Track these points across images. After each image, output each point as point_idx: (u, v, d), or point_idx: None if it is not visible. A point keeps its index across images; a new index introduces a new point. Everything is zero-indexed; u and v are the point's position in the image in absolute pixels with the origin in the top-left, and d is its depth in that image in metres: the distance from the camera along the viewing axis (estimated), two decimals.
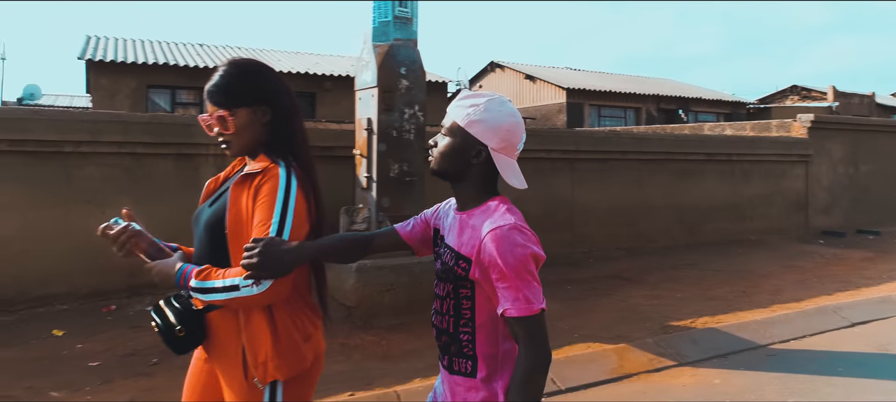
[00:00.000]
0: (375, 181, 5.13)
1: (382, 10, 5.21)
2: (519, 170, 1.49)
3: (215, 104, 1.64)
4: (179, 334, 1.62)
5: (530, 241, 1.39)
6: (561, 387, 3.86)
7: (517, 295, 1.34)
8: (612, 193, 7.58)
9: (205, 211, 1.74)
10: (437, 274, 1.53)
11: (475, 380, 1.45)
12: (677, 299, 5.79)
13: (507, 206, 1.46)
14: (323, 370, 4.02)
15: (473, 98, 1.49)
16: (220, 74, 1.68)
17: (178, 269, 1.61)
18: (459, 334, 1.47)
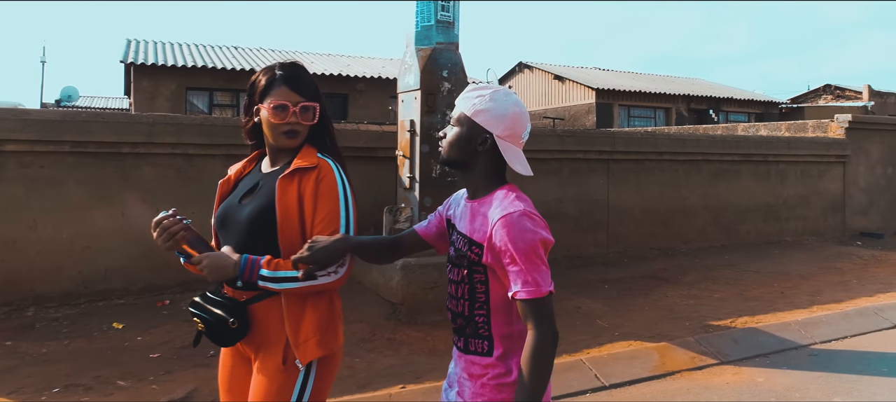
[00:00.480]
0: (418, 181, 5.26)
1: (425, 14, 5.34)
2: (523, 157, 1.56)
3: (306, 97, 1.76)
4: (233, 325, 1.69)
5: (539, 226, 1.45)
6: (605, 383, 3.94)
7: (527, 278, 1.40)
8: (647, 193, 7.61)
9: (238, 210, 1.79)
10: (451, 260, 1.60)
11: (491, 359, 1.51)
12: (715, 300, 5.81)
13: (516, 193, 1.52)
14: (373, 363, 4.18)
15: (480, 90, 1.58)
16: (302, 69, 1.83)
17: (240, 259, 1.66)
18: (475, 316, 1.53)
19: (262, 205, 1.73)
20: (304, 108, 1.76)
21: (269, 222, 1.71)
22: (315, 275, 1.63)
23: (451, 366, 1.65)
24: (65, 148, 4.98)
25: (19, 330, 4.58)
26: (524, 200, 1.50)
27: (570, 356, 4.25)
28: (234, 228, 1.77)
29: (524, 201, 1.49)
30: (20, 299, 4.90)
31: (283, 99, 1.74)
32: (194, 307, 1.74)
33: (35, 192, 4.91)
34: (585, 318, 5.15)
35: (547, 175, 6.96)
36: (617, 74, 20.78)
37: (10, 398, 3.61)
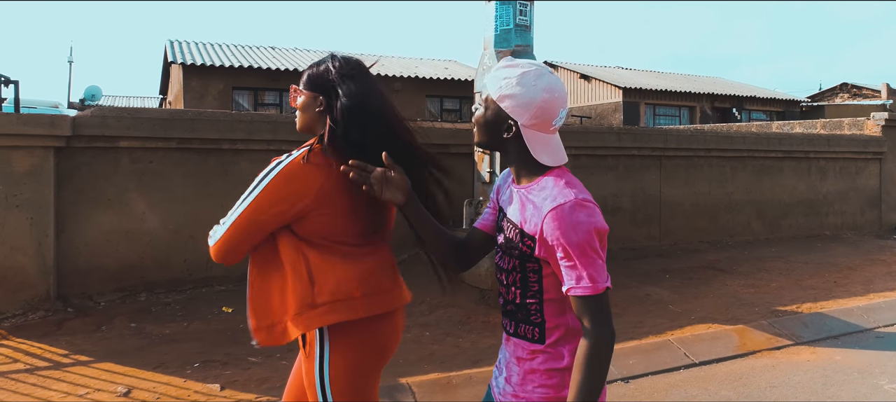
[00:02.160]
0: (498, 176, 5.58)
1: (504, 18, 5.66)
2: (555, 144, 1.46)
3: (298, 83, 1.90)
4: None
5: (593, 215, 1.36)
6: (694, 361, 4.26)
7: (581, 274, 1.33)
8: (696, 188, 7.91)
9: None
10: (501, 247, 1.51)
11: (542, 345, 1.44)
12: (773, 288, 6.11)
13: (566, 179, 1.42)
14: (476, 343, 4.47)
15: (508, 69, 1.46)
16: (318, 60, 1.93)
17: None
18: (527, 304, 1.46)
19: None
20: (295, 91, 1.90)
21: None
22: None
23: (501, 351, 1.59)
24: (172, 145, 5.33)
25: (138, 313, 4.94)
26: (575, 185, 1.41)
27: (657, 337, 4.57)
28: None
29: (576, 187, 1.40)
30: (133, 285, 5.25)
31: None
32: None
33: (145, 185, 5.27)
34: (657, 304, 5.46)
35: (604, 171, 7.28)
36: (642, 73, 21.07)
37: (156, 371, 3.96)
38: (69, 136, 4.87)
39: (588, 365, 1.33)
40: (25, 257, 4.73)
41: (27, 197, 4.74)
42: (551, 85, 1.43)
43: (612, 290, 4.47)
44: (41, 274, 4.79)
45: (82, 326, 4.65)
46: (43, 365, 4.01)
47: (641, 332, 4.69)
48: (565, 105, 1.46)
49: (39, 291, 4.78)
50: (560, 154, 1.46)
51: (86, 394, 3.61)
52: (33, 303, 4.76)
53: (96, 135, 5.02)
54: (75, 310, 4.92)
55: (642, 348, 4.37)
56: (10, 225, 4.69)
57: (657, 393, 3.75)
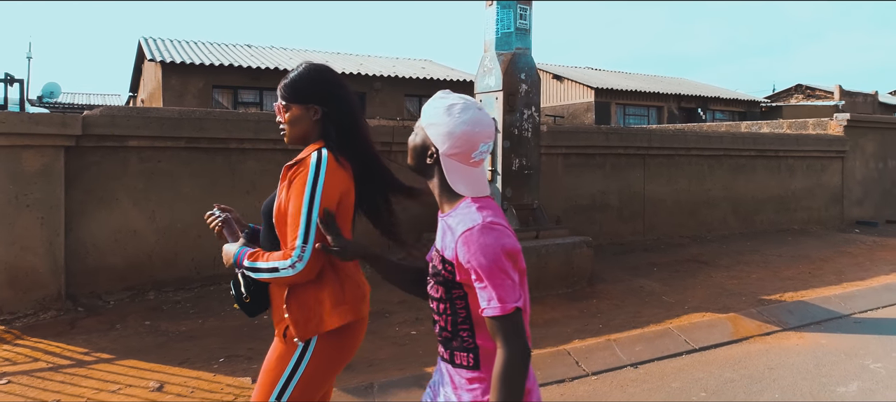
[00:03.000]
0: (500, 174, 5.79)
1: (505, 21, 5.87)
2: (476, 176, 1.50)
3: (280, 97, 1.94)
4: (246, 300, 1.92)
5: (501, 237, 1.40)
6: (695, 347, 4.54)
7: (491, 295, 1.37)
8: (678, 185, 8.27)
9: (266, 201, 1.98)
10: (430, 275, 1.56)
11: (478, 372, 1.47)
12: (754, 279, 6.48)
13: (479, 203, 1.46)
14: None
15: (440, 100, 1.53)
16: (292, 72, 1.96)
17: (236, 251, 1.87)
18: (459, 330, 1.49)
19: (269, 201, 1.93)
20: (279, 108, 1.94)
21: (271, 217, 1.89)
22: (277, 269, 1.78)
23: (435, 373, 1.63)
24: (180, 144, 5.36)
25: (150, 311, 4.97)
26: (487, 208, 1.46)
27: (658, 326, 4.84)
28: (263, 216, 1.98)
29: (487, 210, 1.45)
30: (141, 283, 5.27)
31: (277, 103, 1.98)
32: (233, 282, 1.97)
33: (154, 184, 5.29)
34: (651, 295, 5.75)
35: (593, 169, 7.56)
36: (612, 74, 21.62)
37: (182, 367, 4.03)
38: (79, 135, 4.86)
39: (502, 383, 1.35)
40: (36, 257, 4.72)
41: (38, 197, 4.73)
42: (475, 119, 1.48)
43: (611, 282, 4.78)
44: (52, 274, 4.78)
45: (96, 325, 4.67)
46: (65, 363, 4.03)
47: (642, 321, 4.96)
48: (488, 139, 1.49)
49: (51, 290, 4.77)
50: (478, 187, 1.49)
51: (118, 390, 3.67)
52: (45, 303, 4.75)
53: (105, 134, 5.02)
54: (86, 309, 4.93)
55: (646, 336, 4.63)
56: (21, 225, 4.67)
57: (666, 377, 4.01)
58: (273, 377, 1.87)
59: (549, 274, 5.58)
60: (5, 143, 4.61)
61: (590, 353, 4.29)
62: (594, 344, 4.43)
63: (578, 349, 4.33)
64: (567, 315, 5.14)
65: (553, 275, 5.61)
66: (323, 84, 1.93)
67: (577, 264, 5.79)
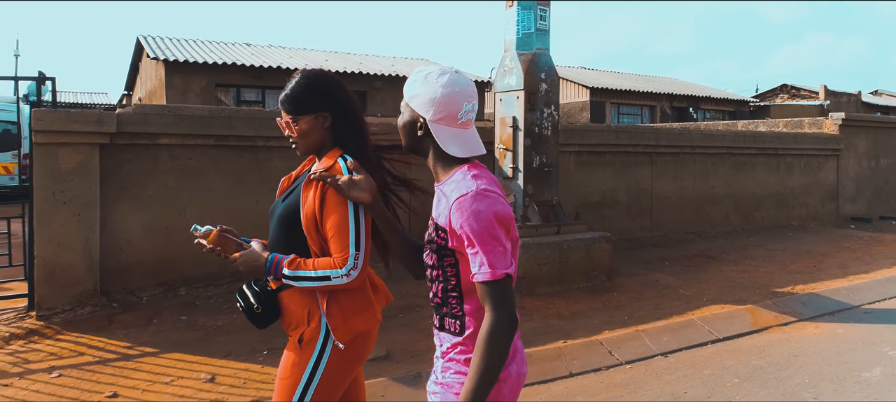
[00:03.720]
0: (521, 171, 5.94)
1: (526, 22, 6.01)
2: (465, 136, 1.53)
3: (286, 111, 1.92)
4: (257, 310, 1.89)
5: (495, 203, 1.42)
6: (719, 336, 4.71)
7: (483, 261, 1.39)
8: (683, 183, 8.48)
9: (278, 206, 1.97)
10: (426, 243, 1.59)
11: (461, 338, 1.51)
12: (763, 273, 6.69)
13: (474, 171, 1.49)
14: (524, 325, 4.81)
15: (416, 73, 1.58)
16: (290, 85, 1.94)
17: (268, 258, 1.83)
18: (448, 297, 1.52)
19: (289, 207, 1.91)
20: (288, 123, 1.93)
21: (293, 223, 1.87)
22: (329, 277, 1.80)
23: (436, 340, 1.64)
24: (210, 142, 5.43)
25: (184, 307, 5.04)
26: (482, 177, 1.48)
27: (681, 317, 5.02)
28: (272, 223, 1.97)
29: (482, 178, 1.47)
30: (171, 280, 5.33)
31: (281, 119, 1.96)
32: (239, 293, 1.96)
33: (184, 182, 5.35)
34: (668, 289, 5.93)
35: (603, 167, 7.74)
36: (605, 74, 21.89)
37: (227, 359, 4.12)
38: (114, 133, 4.92)
39: (486, 348, 1.37)
40: (73, 254, 4.77)
41: (74, 194, 4.78)
42: (452, 81, 1.52)
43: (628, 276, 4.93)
44: (88, 270, 4.83)
45: (133, 320, 4.73)
46: (111, 357, 4.10)
47: (664, 313, 5.13)
48: (470, 100, 1.53)
49: (87, 286, 4.83)
50: (471, 146, 1.53)
51: (171, 382, 3.75)
52: (81, 298, 4.81)
53: (138, 132, 5.08)
54: (120, 305, 4.98)
55: (671, 327, 4.80)
56: (58, 221, 4.72)
57: (696, 364, 4.18)
58: (290, 385, 1.86)
59: (571, 268, 5.74)
60: (43, 140, 4.66)
61: (621, 343, 4.44)
62: (624, 335, 4.58)
63: (610, 340, 4.48)
64: (591, 308, 5.29)
65: (574, 269, 5.77)
66: (326, 91, 1.93)
67: (597, 259, 5.95)
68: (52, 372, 3.84)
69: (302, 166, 2.06)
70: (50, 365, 3.94)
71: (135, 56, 15.42)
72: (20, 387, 3.63)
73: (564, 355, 4.21)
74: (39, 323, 4.58)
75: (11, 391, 3.58)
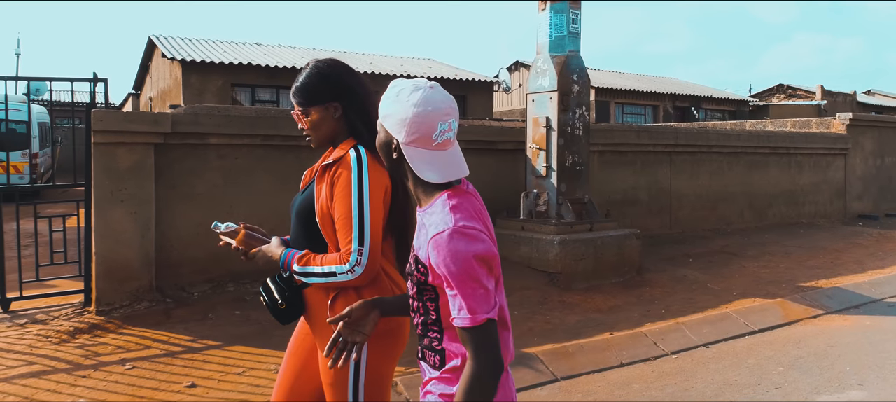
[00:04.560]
0: (555, 170, 6.12)
1: (558, 25, 6.19)
2: (442, 159, 1.39)
3: (297, 103, 1.90)
4: (281, 306, 1.87)
5: (472, 242, 1.31)
6: (754, 328, 4.91)
7: (462, 304, 1.30)
8: (700, 181, 8.70)
9: (297, 200, 1.97)
10: (406, 272, 1.50)
11: (440, 372, 1.44)
12: (784, 269, 6.91)
13: (453, 202, 1.36)
14: (564, 320, 4.99)
15: (390, 89, 1.44)
16: (301, 76, 1.91)
17: (282, 254, 1.82)
18: (429, 331, 1.45)
19: (305, 201, 1.90)
20: (299, 115, 1.91)
21: (310, 216, 1.86)
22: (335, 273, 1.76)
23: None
24: (256, 141, 5.57)
25: (236, 302, 5.18)
26: (461, 208, 1.36)
27: (716, 310, 5.22)
28: (292, 216, 1.98)
29: (460, 211, 1.35)
30: (220, 275, 5.47)
31: (294, 111, 1.94)
32: (263, 287, 1.93)
33: (231, 180, 5.49)
34: (696, 284, 6.13)
35: (625, 166, 7.93)
36: (608, 74, 22.14)
37: None
38: (168, 133, 5.05)
39: (467, 395, 1.30)
40: (130, 250, 4.90)
41: (130, 192, 4.91)
42: (425, 99, 1.37)
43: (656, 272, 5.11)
44: (144, 266, 4.97)
45: (189, 315, 4.87)
46: (178, 350, 4.25)
47: (698, 307, 5.32)
48: (447, 117, 1.38)
49: (143, 282, 4.96)
50: (450, 170, 1.39)
51: (243, 372, 3.90)
52: (138, 294, 4.94)
53: (189, 132, 5.21)
54: (173, 300, 5.11)
55: (708, 319, 4.99)
56: (116, 219, 4.85)
57: (739, 354, 4.37)
58: (342, 386, 1.83)
59: (604, 264, 5.92)
60: (102, 140, 4.79)
61: (664, 335, 4.63)
62: (665, 327, 4.77)
63: (653, 332, 4.67)
64: (627, 302, 5.48)
65: (607, 265, 5.95)
66: (337, 80, 1.89)
67: (628, 255, 6.14)
68: (125, 364, 3.98)
69: (322, 159, 2.00)
70: (120, 358, 4.08)
71: (145, 56, 15.48)
72: (98, 379, 3.77)
73: (612, 346, 4.39)
74: (100, 318, 4.70)
75: (91, 382, 3.72)
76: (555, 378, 3.90)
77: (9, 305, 4.91)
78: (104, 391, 3.62)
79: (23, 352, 4.13)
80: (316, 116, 1.88)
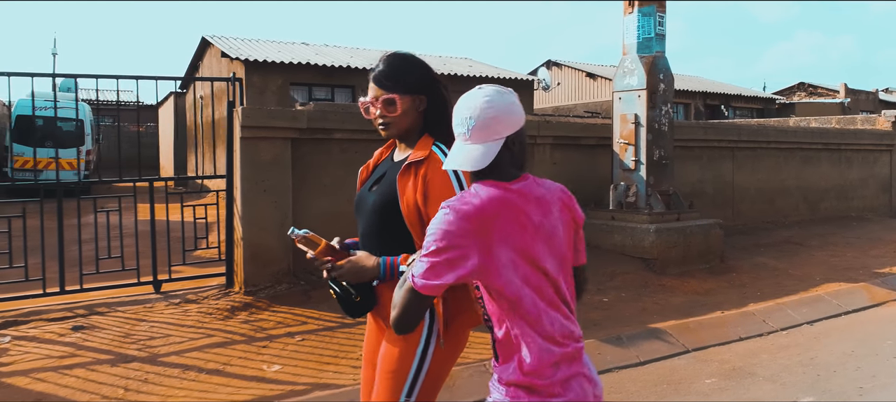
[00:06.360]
0: (643, 163, 6.52)
1: (646, 27, 6.58)
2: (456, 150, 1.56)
3: (384, 88, 1.86)
4: (356, 299, 1.88)
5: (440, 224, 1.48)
6: (848, 309, 5.30)
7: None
8: (759, 176, 9.08)
9: (368, 197, 1.96)
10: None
11: (495, 364, 1.58)
12: (851, 257, 7.29)
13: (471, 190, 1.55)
14: (668, 301, 5.39)
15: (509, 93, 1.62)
16: (388, 62, 1.90)
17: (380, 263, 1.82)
18: (486, 322, 1.60)
19: (384, 196, 1.89)
20: (385, 101, 1.86)
21: (390, 212, 1.85)
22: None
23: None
24: (375, 137, 5.94)
25: None
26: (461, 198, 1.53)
27: (807, 293, 5.61)
28: (364, 214, 1.96)
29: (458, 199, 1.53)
30: None
31: (369, 93, 1.91)
32: (332, 280, 1.90)
33: (353, 173, 5.85)
34: (777, 270, 6.52)
35: (692, 161, 8.32)
36: None
37: None
38: (303, 128, 5.48)
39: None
40: (271, 236, 5.33)
41: (271, 183, 5.34)
42: (461, 100, 1.58)
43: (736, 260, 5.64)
44: (283, 251, 5.40)
45: (326, 296, 5.27)
46: (333, 325, 4.67)
47: (787, 290, 5.71)
48: (460, 115, 1.56)
49: (282, 266, 5.39)
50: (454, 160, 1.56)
51: None
52: (278, 276, 5.37)
53: (317, 128, 5.63)
54: (306, 283, 5.54)
55: (804, 301, 5.39)
56: (259, 208, 5.28)
57: (844, 330, 4.77)
58: (399, 378, 1.85)
59: (692, 252, 6.32)
60: (248, 135, 5.22)
61: (769, 313, 5.03)
62: (768, 307, 5.17)
63: (759, 311, 5.07)
64: (719, 286, 5.88)
65: (695, 252, 6.35)
66: (427, 73, 1.90)
67: (712, 244, 6.53)
68: (294, 336, 4.41)
69: (379, 155, 2.08)
70: (286, 332, 4.51)
71: (195, 56, 15.93)
72: (277, 348, 4.19)
73: (726, 323, 4.79)
74: (248, 298, 5.13)
75: (274, 351, 4.14)
76: (686, 349, 4.31)
77: (160, 286, 5.35)
78: (289, 358, 4.05)
79: (196, 327, 4.57)
80: (402, 104, 1.86)
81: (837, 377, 3.80)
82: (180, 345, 4.21)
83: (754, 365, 4.06)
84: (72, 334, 4.39)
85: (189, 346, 4.20)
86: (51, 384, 3.61)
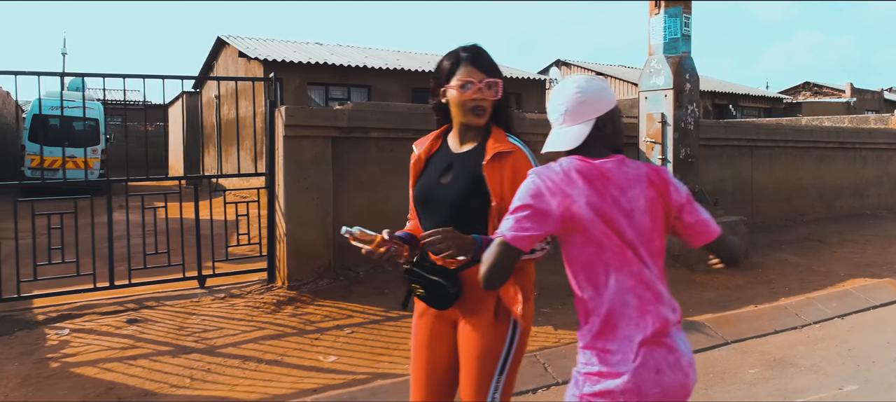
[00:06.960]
0: (670, 162, 6.64)
1: (672, 28, 6.70)
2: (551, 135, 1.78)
3: (492, 75, 1.97)
4: (452, 291, 1.92)
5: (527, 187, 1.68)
6: (875, 303, 5.43)
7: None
8: (777, 174, 9.20)
9: (439, 189, 2.02)
10: None
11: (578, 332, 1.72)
12: (872, 254, 7.41)
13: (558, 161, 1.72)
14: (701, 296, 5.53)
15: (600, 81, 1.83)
16: (483, 50, 2.02)
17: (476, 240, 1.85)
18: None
19: (466, 187, 1.95)
20: (489, 84, 1.96)
21: (472, 203, 1.93)
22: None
23: None
24: (409, 135, 6.08)
25: (401, 280, 5.72)
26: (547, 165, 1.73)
27: (834, 288, 5.74)
28: (437, 206, 2.00)
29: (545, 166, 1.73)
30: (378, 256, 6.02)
31: (468, 77, 1.95)
32: (412, 275, 1.99)
33: (388, 170, 6.04)
34: (801, 267, 6.64)
35: (713, 159, 8.44)
36: None
37: None
38: (343, 127, 5.61)
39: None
40: (314, 232, 5.46)
41: (313, 180, 5.47)
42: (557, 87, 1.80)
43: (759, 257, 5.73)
44: (324, 247, 5.53)
45: (367, 290, 5.42)
46: (378, 318, 4.80)
47: (814, 286, 5.83)
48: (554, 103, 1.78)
49: (324, 261, 5.52)
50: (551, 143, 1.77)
51: None
52: (319, 271, 5.50)
53: (355, 127, 5.76)
54: (345, 278, 5.67)
55: (833, 295, 5.51)
56: (302, 204, 5.41)
57: (875, 323, 4.89)
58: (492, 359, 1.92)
59: None
60: (292, 134, 5.35)
61: (801, 307, 5.16)
62: (798, 301, 5.30)
63: (791, 305, 5.20)
64: (747, 281, 6.00)
65: None
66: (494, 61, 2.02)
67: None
68: (343, 329, 4.54)
69: (428, 146, 2.15)
70: (334, 324, 4.63)
71: (210, 55, 16.05)
72: (329, 341, 4.31)
73: (761, 316, 4.92)
74: (292, 292, 5.26)
75: (326, 343, 4.26)
76: (726, 342, 4.44)
77: (205, 281, 5.48)
78: (343, 350, 4.17)
79: (246, 320, 4.70)
80: (501, 93, 1.99)
81: (877, 367, 3.93)
82: (234, 337, 4.34)
83: (794, 356, 4.19)
84: (127, 327, 4.52)
85: (243, 338, 4.33)
86: (119, 374, 3.74)
